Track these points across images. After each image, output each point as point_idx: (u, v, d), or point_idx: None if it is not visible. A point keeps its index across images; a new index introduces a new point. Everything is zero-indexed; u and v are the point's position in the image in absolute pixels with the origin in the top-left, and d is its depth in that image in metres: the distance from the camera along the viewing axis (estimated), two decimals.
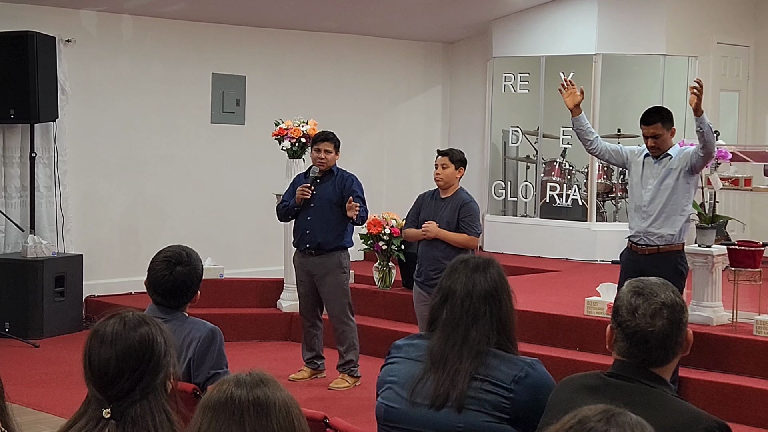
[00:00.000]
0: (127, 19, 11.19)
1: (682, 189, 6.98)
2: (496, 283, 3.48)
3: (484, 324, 3.42)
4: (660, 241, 6.99)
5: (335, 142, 8.26)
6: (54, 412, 7.34)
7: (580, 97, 7.25)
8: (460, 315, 3.44)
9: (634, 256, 7.11)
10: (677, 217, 6.98)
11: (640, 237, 7.07)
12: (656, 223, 7.00)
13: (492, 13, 12.98)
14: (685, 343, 2.96)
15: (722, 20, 12.80)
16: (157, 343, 2.69)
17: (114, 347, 2.68)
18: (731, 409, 7.13)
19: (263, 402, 2.30)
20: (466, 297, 3.45)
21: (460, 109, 14.10)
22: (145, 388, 2.65)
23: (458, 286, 3.48)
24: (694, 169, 6.97)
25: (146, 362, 2.66)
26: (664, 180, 6.99)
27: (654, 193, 7.02)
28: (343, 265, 8.26)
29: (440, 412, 3.35)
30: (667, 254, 6.97)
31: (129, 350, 2.68)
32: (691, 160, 6.91)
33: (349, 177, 8.26)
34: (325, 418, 3.66)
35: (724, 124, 12.50)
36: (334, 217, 8.13)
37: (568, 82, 7.33)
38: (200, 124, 11.81)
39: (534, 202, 13.07)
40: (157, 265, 4.38)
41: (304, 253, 8.30)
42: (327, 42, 12.76)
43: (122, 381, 2.64)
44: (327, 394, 8.03)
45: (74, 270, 10.33)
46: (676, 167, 6.96)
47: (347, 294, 8.32)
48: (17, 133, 10.38)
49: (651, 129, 6.94)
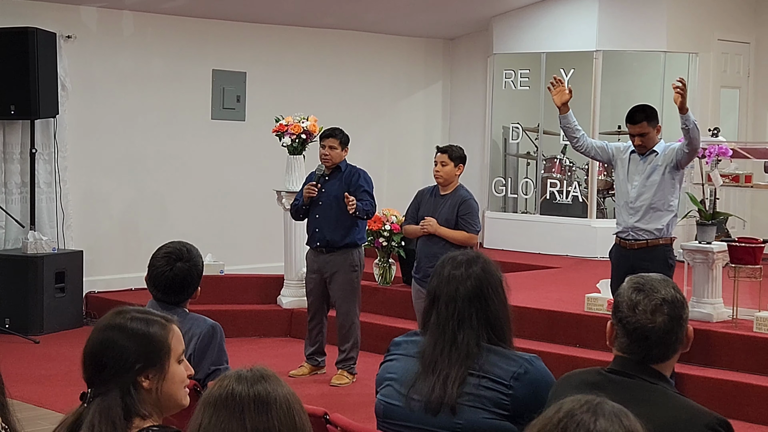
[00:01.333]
0: (128, 15, 11.19)
1: (668, 184, 7.06)
2: (480, 281, 3.42)
3: (471, 326, 3.38)
4: (647, 235, 7.05)
5: (341, 138, 8.21)
6: (54, 408, 7.34)
7: (568, 96, 7.29)
8: (446, 319, 3.40)
9: (623, 252, 7.17)
10: (664, 213, 7.07)
11: (628, 232, 7.13)
12: (644, 219, 7.07)
13: (493, 9, 12.97)
14: (685, 339, 2.96)
15: (723, 17, 12.79)
16: (117, 348, 2.70)
17: (91, 337, 2.76)
18: (731, 405, 7.12)
19: (264, 398, 2.30)
20: (450, 301, 3.41)
21: (460, 105, 14.10)
22: (103, 385, 2.67)
23: (443, 288, 3.44)
24: (679, 165, 7.05)
25: (103, 362, 2.69)
26: (650, 176, 7.06)
27: (640, 189, 7.10)
28: (353, 263, 8.22)
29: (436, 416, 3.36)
30: (655, 248, 7.05)
31: (95, 345, 2.72)
32: (676, 156, 6.99)
33: (356, 172, 8.19)
34: (326, 414, 3.65)
35: (725, 120, 12.48)
36: (342, 214, 8.09)
37: (557, 80, 7.36)
38: (201, 120, 11.80)
39: (534, 198, 13.07)
40: (157, 261, 4.38)
41: (315, 251, 8.29)
42: (328, 38, 12.76)
43: (87, 371, 2.71)
44: (327, 391, 8.03)
45: (74, 266, 10.32)
46: (662, 163, 7.03)
47: (357, 292, 8.30)
48: (17, 129, 10.37)
49: (637, 128, 7.03)
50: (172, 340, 2.77)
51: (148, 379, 2.69)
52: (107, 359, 2.68)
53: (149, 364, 2.70)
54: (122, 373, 2.66)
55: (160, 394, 2.72)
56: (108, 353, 2.69)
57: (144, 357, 2.70)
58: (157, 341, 2.73)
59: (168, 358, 2.74)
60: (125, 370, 2.66)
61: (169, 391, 2.74)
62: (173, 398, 2.75)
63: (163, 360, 2.73)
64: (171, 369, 2.74)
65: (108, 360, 2.68)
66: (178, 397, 2.76)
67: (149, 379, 2.69)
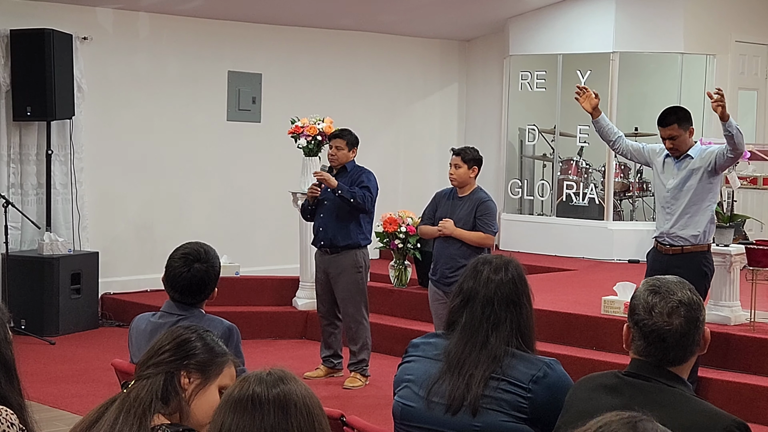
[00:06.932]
0: (144, 17, 11.21)
1: (704, 189, 6.88)
2: (517, 287, 3.46)
3: (504, 330, 3.40)
4: (683, 242, 6.92)
5: (348, 140, 8.22)
6: (70, 410, 7.35)
7: (596, 100, 7.20)
8: (480, 321, 3.41)
9: (659, 256, 7.04)
10: (700, 218, 6.89)
11: (664, 237, 7.01)
12: (679, 224, 6.91)
13: (509, 10, 12.95)
14: (702, 341, 2.94)
15: (740, 18, 12.74)
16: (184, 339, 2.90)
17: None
18: (750, 408, 7.08)
19: (283, 400, 2.31)
20: (487, 303, 3.43)
21: (476, 107, 14.08)
22: (153, 367, 2.83)
23: (480, 289, 3.45)
24: (717, 169, 6.88)
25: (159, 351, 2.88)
26: (687, 181, 6.88)
27: (676, 194, 6.93)
28: (358, 264, 8.22)
29: (456, 416, 3.34)
30: (691, 254, 6.89)
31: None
32: (716, 160, 6.80)
33: (361, 172, 8.21)
34: (342, 417, 3.65)
35: (742, 122, 12.35)
36: (345, 214, 8.10)
37: (581, 88, 7.31)
38: (216, 121, 11.82)
39: (551, 200, 13.03)
40: (174, 261, 4.37)
41: (321, 251, 8.30)
42: (343, 40, 12.76)
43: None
44: (342, 393, 8.02)
45: (90, 267, 10.34)
46: (699, 167, 6.86)
47: (363, 293, 8.29)
48: (34, 131, 10.40)
49: (668, 131, 6.85)
50: (226, 367, 2.92)
51: (188, 380, 2.82)
52: (173, 343, 2.87)
53: (198, 368, 2.84)
54: (174, 360, 2.82)
55: (190, 403, 2.80)
56: (179, 333, 2.90)
57: (198, 359, 2.86)
58: (216, 355, 2.90)
59: (215, 377, 2.87)
60: (181, 358, 2.83)
61: (198, 406, 2.82)
62: (197, 416, 2.82)
63: (210, 374, 2.86)
64: (211, 389, 2.85)
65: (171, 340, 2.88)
66: (202, 418, 2.81)
67: (190, 381, 2.82)
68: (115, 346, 9.16)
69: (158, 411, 2.72)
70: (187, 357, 2.84)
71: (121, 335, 8.96)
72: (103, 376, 7.67)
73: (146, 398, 2.73)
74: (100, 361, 8.30)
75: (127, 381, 2.85)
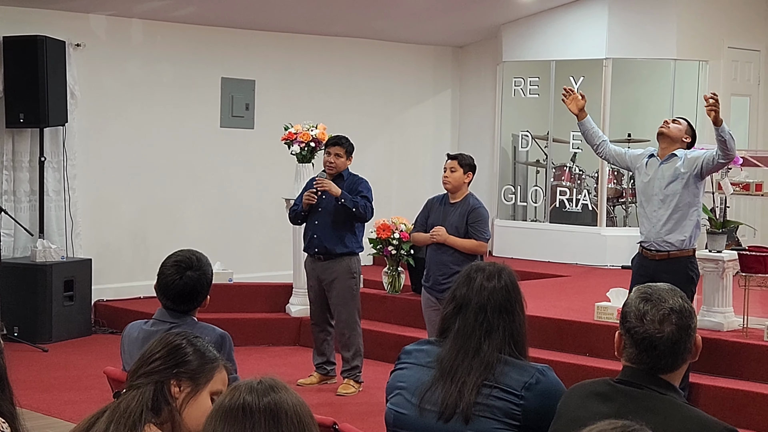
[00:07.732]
0: (137, 23, 11.21)
1: (690, 194, 6.91)
2: (510, 294, 3.46)
3: (497, 337, 3.40)
4: (670, 247, 6.94)
5: (346, 147, 8.23)
6: (63, 417, 7.34)
7: (582, 102, 7.23)
8: (473, 328, 3.42)
9: (644, 262, 7.07)
10: (686, 222, 6.92)
11: (650, 243, 7.03)
12: (665, 229, 6.94)
13: (502, 17, 12.97)
14: (693, 348, 2.94)
15: (733, 24, 12.76)
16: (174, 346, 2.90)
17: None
18: (742, 415, 7.09)
19: (274, 409, 2.30)
20: (480, 310, 3.43)
21: (469, 113, 14.09)
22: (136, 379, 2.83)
23: (473, 297, 3.45)
24: (704, 174, 6.92)
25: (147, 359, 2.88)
26: (671, 184, 6.92)
27: (661, 199, 6.96)
28: (352, 270, 8.23)
29: (448, 423, 3.34)
30: (677, 260, 6.92)
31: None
32: (703, 165, 6.83)
33: (358, 180, 8.23)
34: (335, 424, 3.64)
35: (735, 128, 12.34)
36: (341, 221, 8.11)
37: (567, 90, 7.33)
38: (209, 128, 11.81)
39: (544, 206, 13.05)
40: (167, 269, 4.37)
41: (313, 258, 8.30)
42: (337, 46, 12.76)
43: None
44: (335, 400, 8.01)
45: (83, 274, 10.32)
46: (685, 173, 6.89)
47: (356, 300, 8.30)
48: (27, 138, 10.39)
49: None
50: (217, 373, 2.90)
51: (179, 389, 2.81)
52: (166, 349, 2.87)
53: (188, 376, 2.83)
54: (164, 369, 2.81)
55: (182, 412, 2.80)
56: (170, 340, 2.90)
57: (189, 366, 2.86)
58: (207, 362, 2.89)
59: (206, 383, 2.86)
60: (171, 366, 2.82)
61: (190, 414, 2.81)
62: (189, 424, 2.82)
63: (201, 382, 2.85)
64: (202, 396, 2.85)
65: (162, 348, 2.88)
66: (194, 426, 2.80)
67: (181, 389, 2.81)
68: (108, 353, 9.15)
69: (149, 421, 2.72)
70: (178, 365, 2.84)
71: (114, 342, 8.94)
72: (96, 383, 7.66)
73: (136, 409, 2.72)
74: (93, 369, 8.29)
75: (118, 390, 2.84)
